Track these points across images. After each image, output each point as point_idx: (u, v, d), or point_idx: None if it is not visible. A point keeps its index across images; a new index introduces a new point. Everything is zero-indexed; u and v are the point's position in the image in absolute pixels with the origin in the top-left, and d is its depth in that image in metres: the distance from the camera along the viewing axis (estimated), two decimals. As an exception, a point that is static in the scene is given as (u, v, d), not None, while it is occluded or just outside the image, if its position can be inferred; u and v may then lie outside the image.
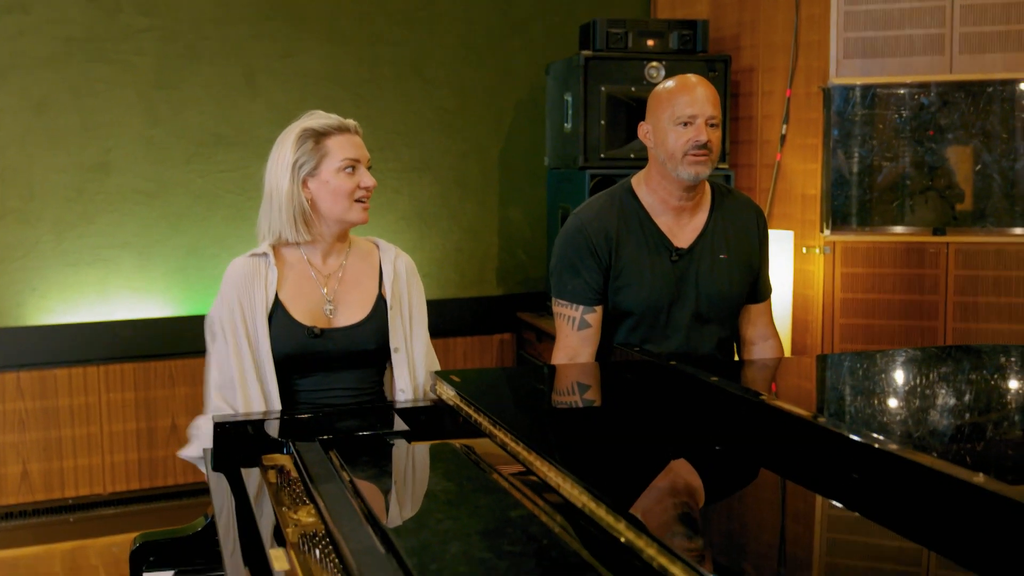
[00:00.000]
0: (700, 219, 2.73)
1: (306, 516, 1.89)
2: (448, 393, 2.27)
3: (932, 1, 4.04)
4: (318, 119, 2.46)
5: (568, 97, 4.49)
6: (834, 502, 1.54)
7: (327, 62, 4.71)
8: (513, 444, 1.80)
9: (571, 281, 2.69)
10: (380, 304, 2.53)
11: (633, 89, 4.42)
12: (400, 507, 1.70)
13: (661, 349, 2.68)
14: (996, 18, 3.97)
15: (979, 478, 1.32)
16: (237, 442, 2.19)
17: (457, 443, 2.05)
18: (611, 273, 2.69)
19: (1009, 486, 1.35)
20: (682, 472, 1.76)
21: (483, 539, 1.48)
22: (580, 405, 2.34)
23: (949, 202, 4.11)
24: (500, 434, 1.88)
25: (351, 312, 2.49)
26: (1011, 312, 4.00)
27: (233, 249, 4.57)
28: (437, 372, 2.41)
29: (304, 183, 2.44)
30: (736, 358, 2.90)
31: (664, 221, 2.69)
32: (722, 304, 2.73)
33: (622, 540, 1.39)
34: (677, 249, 2.68)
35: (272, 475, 2.12)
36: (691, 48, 4.51)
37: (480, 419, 2.01)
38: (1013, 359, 2.62)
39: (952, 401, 2.28)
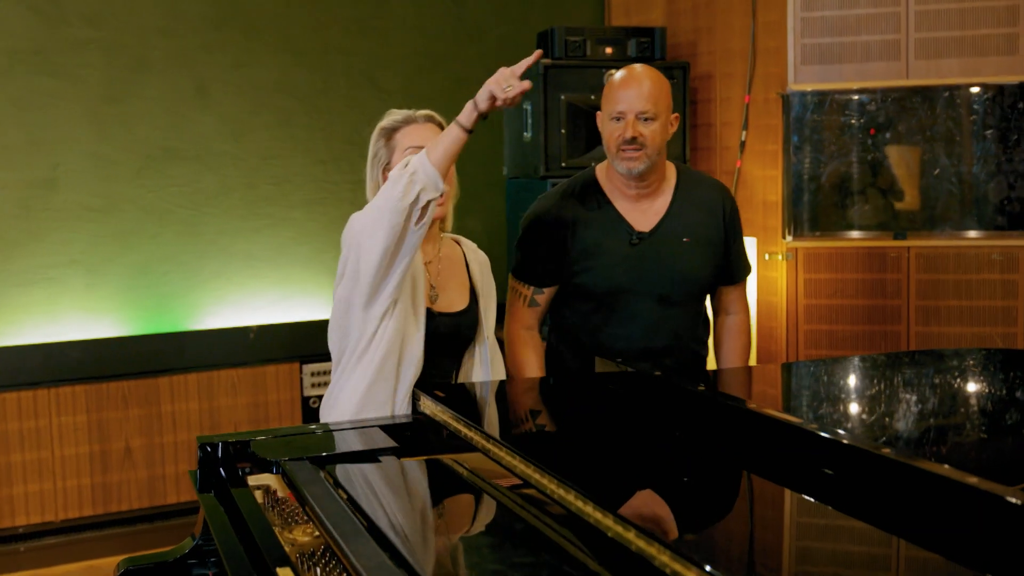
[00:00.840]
0: (662, 203, 2.81)
1: (301, 535, 1.93)
2: (433, 408, 2.32)
3: (887, 7, 4.18)
4: (391, 117, 2.63)
5: (527, 106, 4.56)
6: (832, 509, 1.63)
7: (279, 72, 4.74)
8: (509, 458, 1.86)
9: (526, 262, 2.85)
10: (474, 295, 2.68)
11: (593, 97, 4.51)
12: (403, 523, 1.75)
13: (626, 331, 2.78)
14: (951, 24, 4.13)
15: (972, 479, 1.41)
16: (223, 462, 2.23)
17: (448, 458, 2.10)
18: (569, 257, 2.79)
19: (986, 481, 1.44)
20: (680, 478, 1.83)
21: (492, 552, 1.54)
22: (567, 416, 2.40)
23: (909, 206, 4.26)
24: (494, 448, 1.94)
25: (452, 300, 2.62)
26: (972, 315, 4.15)
27: (186, 266, 4.58)
28: (419, 387, 2.47)
29: (383, 175, 2.58)
30: (711, 337, 3.02)
31: (623, 206, 2.78)
32: (687, 287, 2.82)
33: (632, 549, 1.45)
34: (638, 233, 2.76)
35: (260, 495, 2.16)
36: (649, 55, 4.61)
37: (471, 434, 2.07)
38: (973, 363, 2.75)
39: (922, 406, 2.39)
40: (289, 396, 4.71)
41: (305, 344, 4.76)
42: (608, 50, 4.58)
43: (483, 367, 2.67)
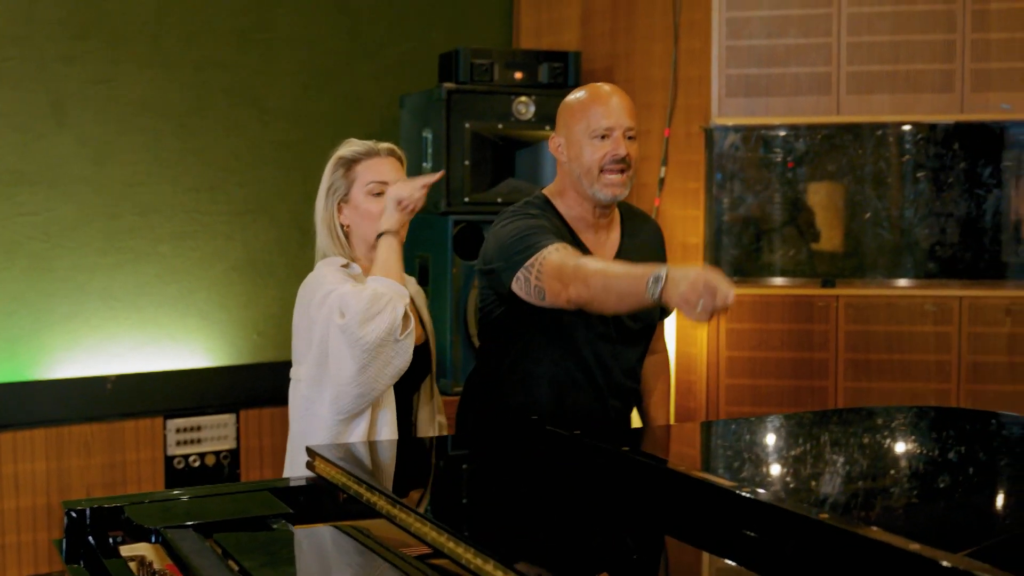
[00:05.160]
0: (615, 236, 2.98)
1: (185, 611, 2.00)
2: (330, 471, 2.41)
3: (818, 38, 4.43)
4: (350, 146, 2.88)
5: (427, 134, 4.69)
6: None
7: (149, 88, 4.77)
8: (419, 524, 1.96)
9: (537, 236, 2.70)
10: (423, 324, 2.92)
11: (500, 126, 4.66)
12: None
13: (582, 365, 2.89)
14: (884, 58, 4.39)
15: (915, 546, 1.56)
16: (93, 530, 2.27)
17: (347, 524, 2.19)
18: None
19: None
20: (601, 543, 1.95)
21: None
22: (481, 480, 2.51)
23: (838, 252, 4.49)
24: (401, 513, 2.04)
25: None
26: (903, 370, 4.39)
27: (35, 305, 4.57)
28: (311, 448, 2.55)
29: (339, 208, 2.86)
30: None
31: (587, 237, 2.91)
32: (647, 321, 2.99)
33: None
34: None
35: (134, 567, 2.21)
36: (562, 82, 4.79)
37: (374, 498, 2.16)
38: (904, 421, 2.94)
39: (850, 467, 2.55)
40: (151, 455, 4.71)
41: (170, 397, 4.77)
42: (518, 75, 4.74)
43: (436, 396, 2.98)
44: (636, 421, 3.27)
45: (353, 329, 2.57)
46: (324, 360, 2.66)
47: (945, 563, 1.57)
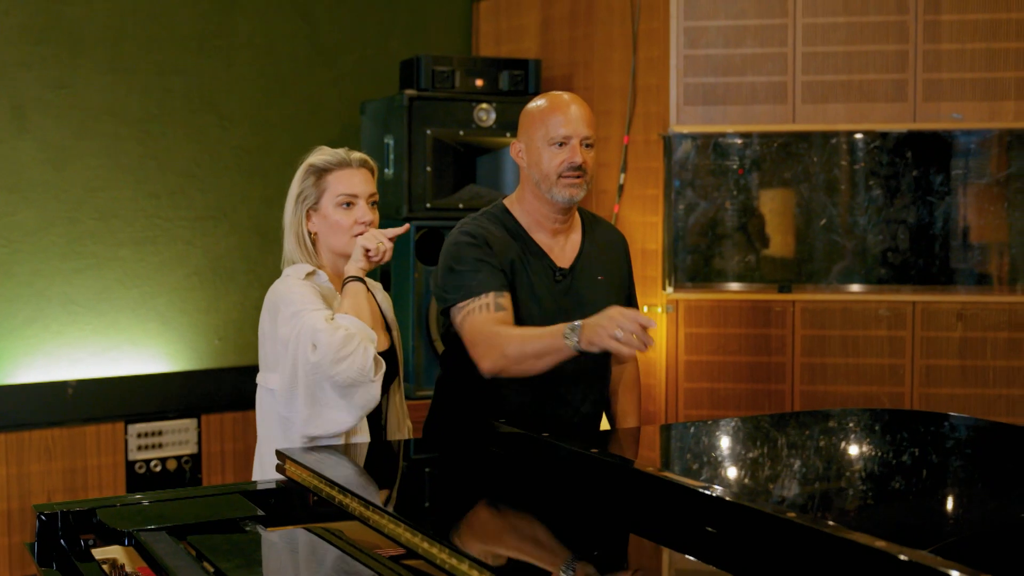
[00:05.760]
0: (576, 240, 3.06)
1: (160, 612, 2.03)
2: (301, 474, 2.45)
3: (774, 48, 4.52)
4: (322, 155, 2.90)
5: (389, 140, 4.74)
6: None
7: (108, 94, 4.78)
8: (392, 525, 2.01)
9: (473, 278, 2.86)
10: (388, 328, 3.02)
11: (461, 132, 4.72)
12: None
13: (556, 370, 2.89)
14: (838, 67, 4.49)
15: (880, 543, 1.63)
16: (64, 533, 2.30)
17: (319, 527, 2.23)
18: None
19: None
20: (569, 540, 2.01)
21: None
22: (451, 481, 2.56)
23: (794, 257, 4.58)
24: (374, 515, 2.08)
25: (379, 339, 2.83)
26: (858, 373, 4.48)
27: (-6, 310, 4.57)
28: (281, 451, 2.59)
29: (308, 216, 2.89)
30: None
31: (543, 240, 3.00)
32: None
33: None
34: (560, 269, 2.99)
35: (107, 569, 2.24)
36: (523, 89, 4.85)
37: (346, 500, 2.20)
38: (858, 424, 3.02)
39: (806, 469, 2.63)
40: (112, 460, 4.72)
41: (131, 401, 4.78)
42: (479, 82, 4.80)
43: (403, 400, 3.05)
44: (605, 425, 3.34)
45: (325, 367, 2.61)
46: (295, 380, 2.68)
47: (903, 557, 1.64)
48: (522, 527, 2.15)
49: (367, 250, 2.79)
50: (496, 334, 2.76)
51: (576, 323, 2.59)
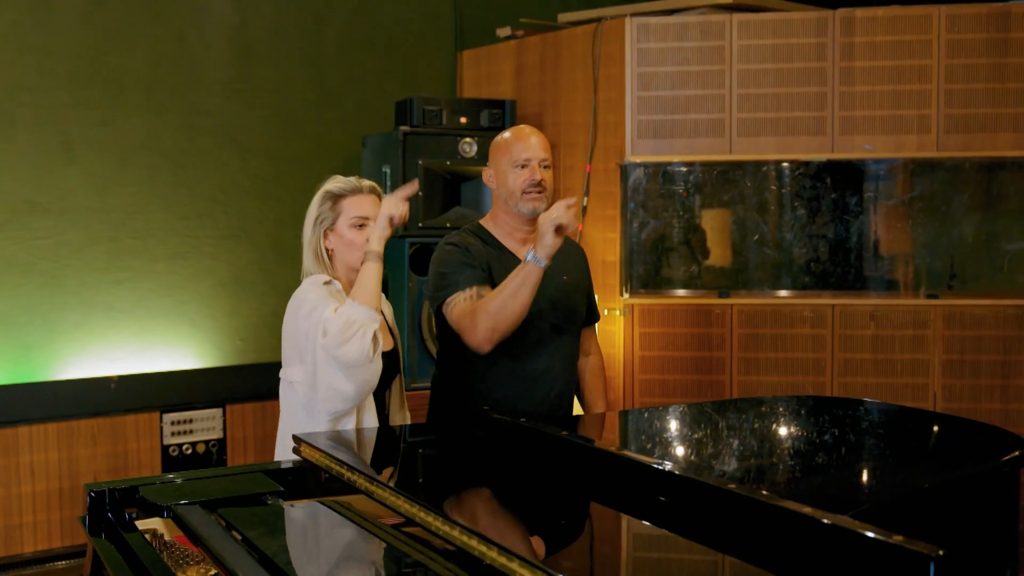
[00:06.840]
0: None
1: (195, 575, 2.04)
2: (314, 455, 2.46)
3: (713, 90, 4.56)
4: (336, 183, 2.90)
5: (387, 169, 4.74)
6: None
7: (145, 130, 4.77)
8: (393, 498, 2.02)
9: (458, 276, 2.92)
10: (390, 330, 2.99)
11: (448, 163, 4.73)
12: (299, 559, 1.89)
13: (532, 362, 3.00)
14: (768, 106, 4.53)
15: (807, 509, 1.65)
16: (111, 507, 2.30)
17: (331, 500, 2.24)
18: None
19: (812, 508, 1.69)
20: (542, 508, 2.03)
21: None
22: (443, 460, 2.58)
23: (732, 267, 4.62)
24: (377, 489, 2.10)
25: (385, 340, 2.81)
26: (787, 366, 4.52)
27: (47, 317, 4.55)
28: (298, 435, 2.60)
29: (325, 235, 2.89)
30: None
31: (513, 247, 3.04)
32: (573, 318, 3.13)
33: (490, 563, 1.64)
34: None
35: (148, 538, 2.24)
36: (500, 125, 4.86)
37: (353, 476, 2.21)
38: (787, 408, 3.05)
39: (743, 447, 2.65)
40: (149, 445, 4.70)
41: (165, 394, 4.77)
42: (463, 119, 4.82)
43: (403, 393, 3.04)
44: (578, 409, 3.36)
45: (332, 348, 2.61)
46: (314, 368, 2.69)
47: (826, 520, 1.67)
48: (504, 498, 2.17)
49: (392, 217, 2.72)
50: (476, 306, 2.83)
51: (528, 252, 2.72)
